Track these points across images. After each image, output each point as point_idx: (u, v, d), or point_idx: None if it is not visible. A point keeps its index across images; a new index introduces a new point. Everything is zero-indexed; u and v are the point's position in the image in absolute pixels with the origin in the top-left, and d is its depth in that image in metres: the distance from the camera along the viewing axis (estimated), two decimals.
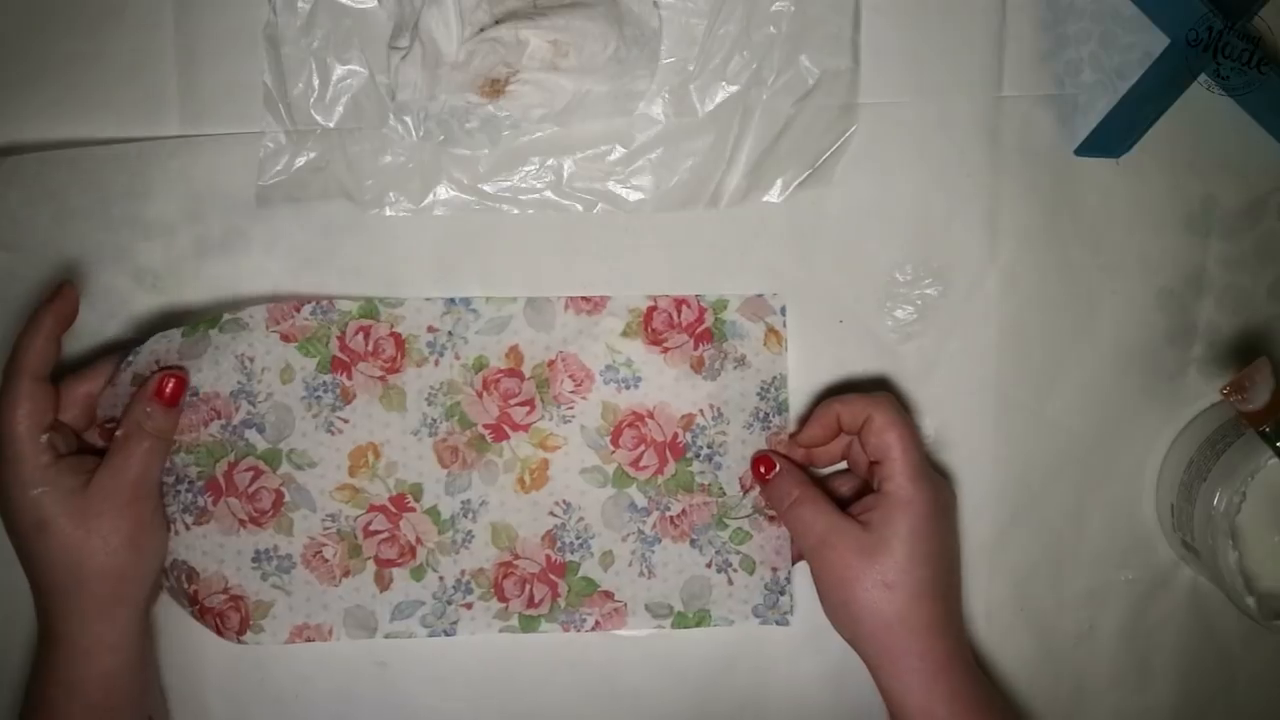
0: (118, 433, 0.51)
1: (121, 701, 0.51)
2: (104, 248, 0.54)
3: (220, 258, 0.54)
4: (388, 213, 0.54)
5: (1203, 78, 0.53)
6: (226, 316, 0.53)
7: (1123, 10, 0.55)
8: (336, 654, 0.56)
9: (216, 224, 0.54)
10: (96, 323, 0.54)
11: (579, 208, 0.55)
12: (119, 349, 0.53)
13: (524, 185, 0.55)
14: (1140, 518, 0.57)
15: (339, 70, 0.54)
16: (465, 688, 0.56)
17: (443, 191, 0.55)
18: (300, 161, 0.54)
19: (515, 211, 0.55)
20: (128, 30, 0.54)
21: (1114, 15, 0.55)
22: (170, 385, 0.51)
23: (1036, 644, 0.57)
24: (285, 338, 0.53)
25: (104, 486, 0.50)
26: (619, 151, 0.55)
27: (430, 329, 0.54)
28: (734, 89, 0.54)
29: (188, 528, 0.53)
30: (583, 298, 0.54)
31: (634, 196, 0.55)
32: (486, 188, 0.55)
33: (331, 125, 0.54)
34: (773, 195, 0.55)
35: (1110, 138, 0.54)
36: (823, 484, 0.54)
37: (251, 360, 0.53)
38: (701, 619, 0.55)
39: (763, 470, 0.53)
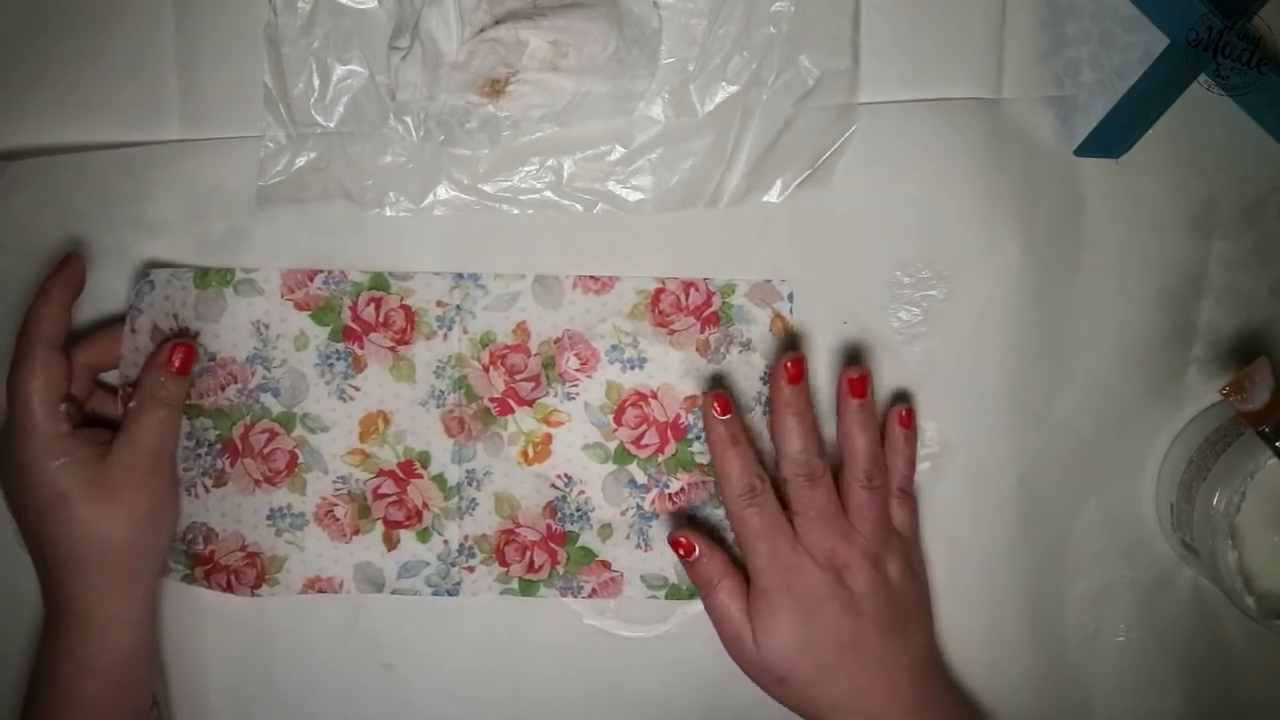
0: (130, 404, 0.51)
1: (136, 678, 0.52)
2: (108, 250, 0.54)
3: (222, 258, 0.54)
4: (388, 213, 0.55)
5: (1203, 78, 0.53)
6: (240, 275, 0.54)
7: (1123, 10, 0.55)
8: (343, 655, 0.56)
9: (218, 225, 0.54)
10: (101, 324, 0.54)
11: (579, 208, 0.55)
12: (117, 322, 0.54)
13: (524, 185, 0.55)
14: (1140, 518, 0.57)
15: (339, 70, 0.54)
16: (471, 689, 0.56)
17: (443, 191, 0.55)
18: (300, 162, 0.54)
19: (515, 211, 0.55)
20: (128, 31, 0.54)
21: (1114, 15, 0.55)
22: (180, 355, 0.52)
23: (1042, 645, 0.57)
24: (299, 306, 0.55)
25: (123, 459, 0.50)
26: (619, 151, 0.55)
27: (440, 303, 0.55)
28: (734, 89, 0.54)
29: (207, 491, 0.55)
30: (591, 277, 0.55)
31: (634, 196, 0.55)
32: (486, 188, 0.55)
33: (331, 126, 0.54)
34: (772, 195, 0.55)
35: (1110, 138, 0.54)
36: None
37: (267, 327, 0.54)
38: (694, 591, 0.55)
39: (681, 553, 0.52)
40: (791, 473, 0.51)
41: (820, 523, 0.51)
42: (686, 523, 0.55)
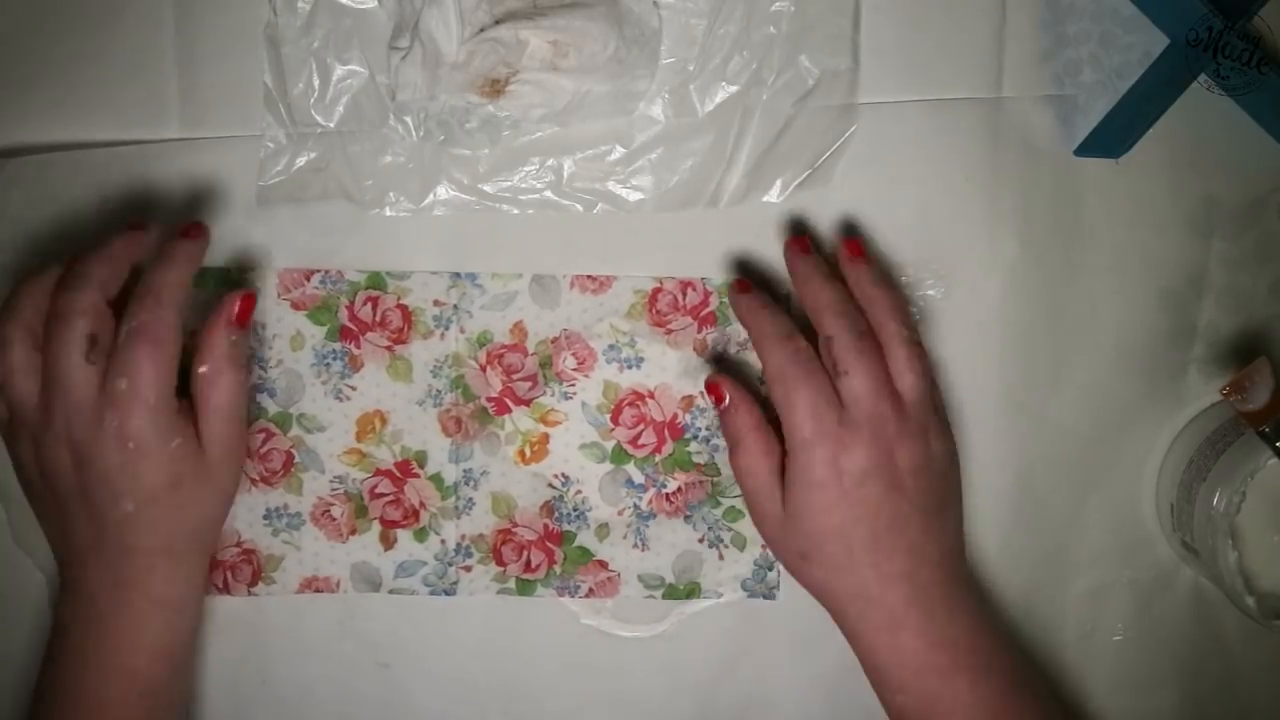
0: (201, 369, 0.47)
1: (191, 655, 0.51)
2: None
3: (220, 258, 0.54)
4: (388, 213, 0.55)
5: (1203, 78, 0.53)
6: (236, 275, 0.54)
7: (1123, 10, 0.55)
8: (339, 655, 0.56)
9: (216, 225, 0.54)
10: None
11: (579, 208, 0.55)
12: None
13: (524, 185, 0.55)
14: (1140, 518, 0.57)
15: (339, 70, 0.54)
16: (468, 690, 0.56)
17: (442, 192, 0.55)
18: (300, 162, 0.54)
19: (515, 211, 0.55)
20: (128, 30, 0.54)
21: (1114, 15, 0.55)
22: (240, 305, 0.48)
23: (1040, 644, 0.57)
24: (295, 306, 0.55)
25: (215, 433, 0.48)
26: (619, 151, 0.55)
27: (436, 303, 0.55)
28: (734, 89, 0.54)
29: None
30: (588, 277, 0.55)
31: (634, 196, 0.55)
32: (486, 188, 0.55)
33: (331, 126, 0.54)
34: (772, 195, 0.55)
35: (1110, 138, 0.54)
36: None
37: (263, 327, 0.55)
38: (691, 591, 0.56)
39: (714, 400, 0.50)
40: (834, 326, 0.48)
41: (870, 384, 0.47)
42: (684, 514, 0.55)
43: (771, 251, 0.55)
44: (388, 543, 0.55)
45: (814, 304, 0.49)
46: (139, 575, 0.47)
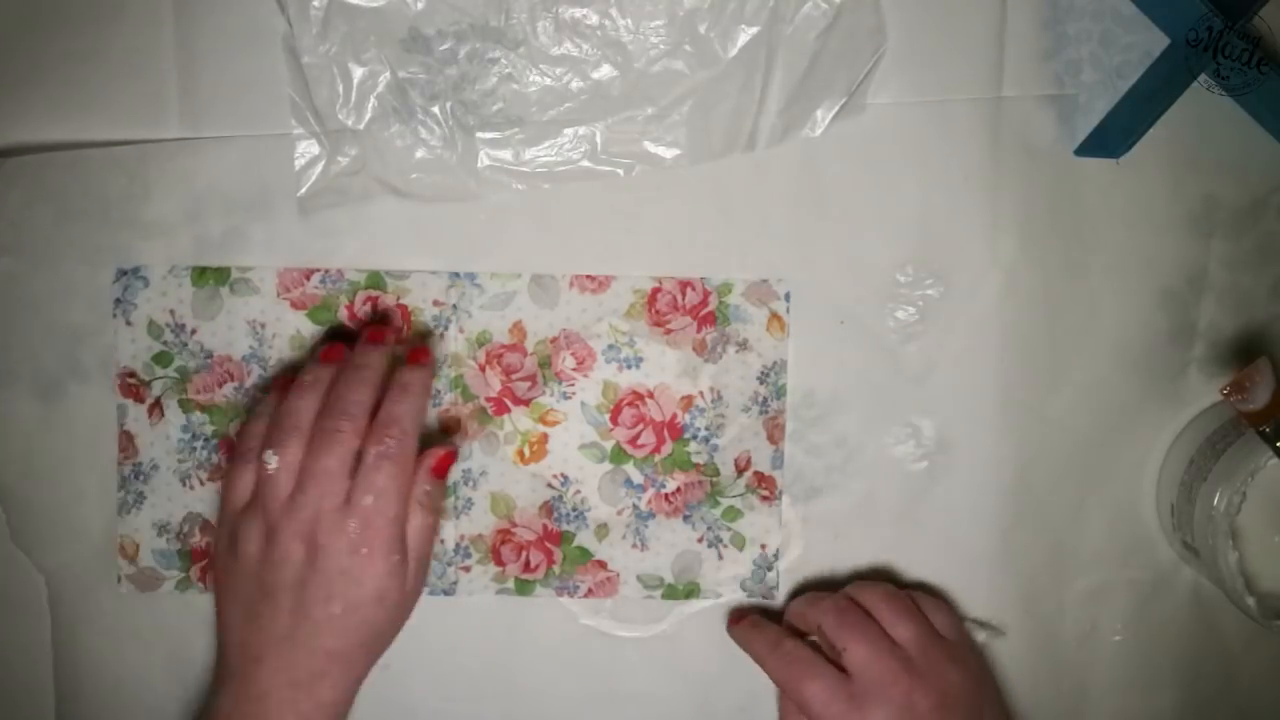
0: (410, 522, 0.50)
1: None
2: (103, 250, 0.54)
3: (220, 258, 0.54)
4: (429, 203, 0.54)
5: (1203, 78, 0.53)
6: (236, 274, 0.54)
7: (1123, 10, 0.55)
8: None
9: (216, 224, 0.54)
10: (96, 323, 0.55)
11: (619, 172, 0.54)
12: None
13: (560, 159, 0.54)
14: (1140, 518, 0.57)
15: (360, 72, 0.53)
16: (467, 689, 0.56)
17: (484, 174, 0.54)
18: (336, 168, 0.54)
19: (548, 187, 0.54)
20: (127, 29, 0.54)
21: (1114, 15, 0.55)
22: (438, 460, 0.51)
23: (1039, 645, 0.57)
24: (295, 305, 0.55)
25: (410, 567, 0.50)
26: (649, 110, 0.54)
27: (435, 303, 0.55)
28: (755, 30, 0.53)
29: (202, 483, 0.55)
30: (587, 276, 0.55)
31: (670, 153, 0.54)
32: (524, 168, 0.54)
33: (361, 127, 0.54)
34: (812, 129, 0.54)
35: (1110, 138, 0.54)
36: None
37: (263, 326, 0.55)
38: (691, 591, 0.56)
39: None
40: (818, 614, 0.52)
41: (868, 648, 0.50)
42: (683, 514, 0.55)
43: (768, 251, 0.55)
44: None
45: (800, 618, 0.53)
46: (314, 679, 0.48)
